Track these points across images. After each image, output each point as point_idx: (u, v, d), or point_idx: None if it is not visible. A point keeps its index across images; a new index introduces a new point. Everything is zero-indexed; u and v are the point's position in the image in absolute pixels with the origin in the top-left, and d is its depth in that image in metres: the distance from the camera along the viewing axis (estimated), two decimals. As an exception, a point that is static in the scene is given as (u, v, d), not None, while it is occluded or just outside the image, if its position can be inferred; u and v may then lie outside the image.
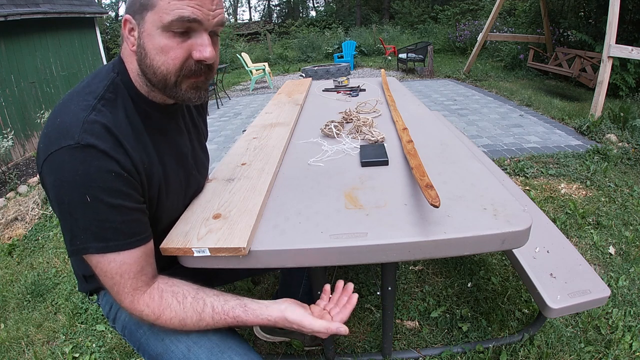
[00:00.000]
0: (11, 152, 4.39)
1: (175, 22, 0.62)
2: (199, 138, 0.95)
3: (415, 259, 0.78)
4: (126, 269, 0.67)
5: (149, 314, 0.69)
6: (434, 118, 1.47)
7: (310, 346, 1.42)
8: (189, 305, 0.71)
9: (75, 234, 0.64)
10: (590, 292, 1.15)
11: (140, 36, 0.66)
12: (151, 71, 0.67)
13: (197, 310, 0.70)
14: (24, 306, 1.87)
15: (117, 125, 0.66)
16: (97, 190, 0.61)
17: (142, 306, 0.69)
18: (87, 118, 0.63)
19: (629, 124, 3.56)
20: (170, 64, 0.66)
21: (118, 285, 0.67)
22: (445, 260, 1.88)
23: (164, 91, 0.70)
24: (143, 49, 0.66)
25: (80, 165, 0.60)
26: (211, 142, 4.34)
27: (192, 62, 0.67)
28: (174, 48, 0.65)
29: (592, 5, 6.27)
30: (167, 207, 0.79)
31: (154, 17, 0.63)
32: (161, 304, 0.70)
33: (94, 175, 0.61)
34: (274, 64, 11.27)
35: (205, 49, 0.66)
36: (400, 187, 0.92)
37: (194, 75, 0.69)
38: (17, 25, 4.69)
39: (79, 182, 0.60)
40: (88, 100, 0.66)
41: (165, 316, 0.70)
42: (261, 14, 32.49)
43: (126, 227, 0.66)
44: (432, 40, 11.21)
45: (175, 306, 0.70)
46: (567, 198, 2.43)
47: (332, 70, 7.08)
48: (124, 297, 0.69)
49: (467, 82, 6.76)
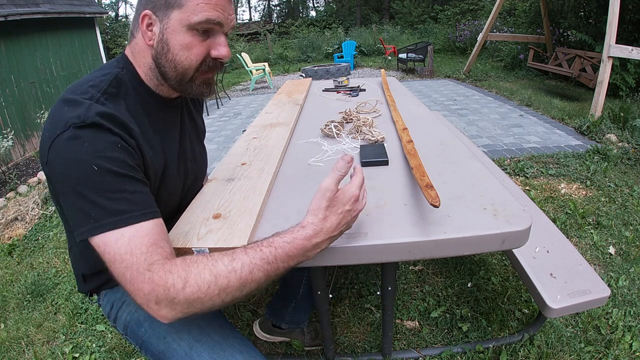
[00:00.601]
0: (11, 152, 4.39)
1: (203, 23, 0.68)
2: (198, 134, 0.97)
3: (415, 259, 0.78)
4: (137, 242, 0.60)
5: (174, 281, 0.58)
6: (434, 118, 1.47)
7: (310, 346, 1.42)
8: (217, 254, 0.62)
9: (86, 212, 0.60)
10: (590, 292, 1.15)
11: (162, 32, 0.70)
12: (172, 65, 0.72)
13: (227, 254, 0.62)
14: (24, 306, 1.87)
15: (122, 114, 0.69)
16: (104, 160, 0.61)
17: (165, 275, 0.58)
18: (91, 105, 0.64)
19: (629, 124, 3.56)
20: (193, 60, 0.72)
21: (131, 267, 0.58)
22: (445, 260, 1.88)
23: (179, 85, 0.75)
24: (166, 44, 0.70)
25: (87, 140, 0.61)
26: (211, 142, 4.34)
27: (209, 59, 0.74)
28: (196, 46, 0.71)
29: (592, 5, 6.27)
30: (164, 198, 0.79)
31: (182, 15, 0.68)
32: (185, 263, 0.60)
33: (100, 147, 0.62)
34: (274, 64, 11.27)
35: (224, 48, 0.74)
36: (400, 187, 0.92)
37: (210, 71, 0.76)
38: (17, 25, 4.69)
39: (86, 154, 0.60)
40: (91, 93, 0.67)
41: (193, 272, 0.58)
42: (261, 14, 32.50)
43: (138, 197, 0.64)
44: (432, 40, 11.21)
45: (201, 259, 0.61)
46: (567, 198, 2.43)
47: (332, 70, 7.08)
48: (142, 281, 0.58)
49: (467, 82, 6.76)
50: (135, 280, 0.58)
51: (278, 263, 0.62)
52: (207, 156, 1.05)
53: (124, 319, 0.86)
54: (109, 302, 0.89)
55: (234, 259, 0.60)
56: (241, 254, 0.61)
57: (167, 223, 0.78)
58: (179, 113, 0.88)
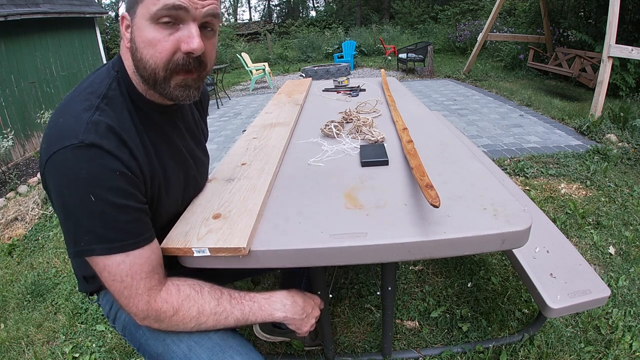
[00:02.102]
0: (11, 152, 4.39)
1: (161, 10, 0.61)
2: (199, 139, 0.94)
3: (415, 259, 0.78)
4: (137, 269, 0.65)
5: (167, 309, 0.68)
6: (434, 118, 1.47)
7: (310, 346, 1.42)
8: (207, 293, 0.72)
9: (78, 235, 0.62)
10: (590, 292, 1.15)
11: (132, 30, 0.66)
12: (142, 65, 0.66)
13: (214, 296, 0.72)
14: (24, 306, 1.87)
15: (121, 125, 0.66)
16: (101, 190, 0.60)
17: (161, 303, 0.68)
18: (91, 118, 0.62)
19: (629, 124, 3.56)
20: (158, 57, 0.65)
21: (130, 288, 0.65)
22: (445, 260, 1.88)
23: (155, 87, 0.69)
24: (134, 43, 0.66)
25: (85, 164, 0.59)
26: (211, 142, 4.34)
27: (180, 55, 0.65)
28: (161, 40, 0.64)
29: (592, 5, 6.26)
30: (166, 206, 0.79)
31: (143, 10, 0.63)
32: (179, 296, 0.70)
33: (99, 174, 0.60)
34: (274, 64, 11.27)
35: (193, 40, 0.64)
36: (400, 187, 0.92)
37: (183, 71, 0.67)
38: (17, 25, 4.69)
39: (83, 181, 0.59)
40: (91, 100, 0.65)
41: (184, 307, 0.69)
42: (261, 14, 32.50)
43: (132, 226, 0.65)
44: (432, 40, 11.21)
45: (194, 295, 0.71)
46: (567, 198, 2.43)
47: (332, 70, 7.08)
48: (139, 300, 0.66)
49: (467, 82, 6.76)
50: (133, 299, 0.67)
51: (249, 316, 0.75)
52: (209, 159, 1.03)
53: (123, 319, 0.86)
54: (108, 302, 0.89)
55: (219, 304, 0.72)
56: (226, 301, 0.73)
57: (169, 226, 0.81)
58: (178, 120, 0.84)
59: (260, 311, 0.76)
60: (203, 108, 1.00)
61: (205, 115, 1.02)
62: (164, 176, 0.77)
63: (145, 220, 0.69)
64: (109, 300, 0.89)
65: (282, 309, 0.79)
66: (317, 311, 0.88)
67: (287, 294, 0.82)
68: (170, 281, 0.72)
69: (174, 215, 0.85)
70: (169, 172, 0.79)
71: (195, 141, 0.91)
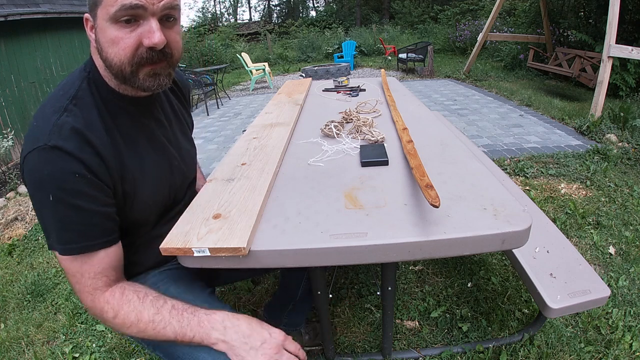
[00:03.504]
0: (11, 152, 4.39)
1: (119, 11, 0.64)
2: (182, 128, 0.96)
3: (415, 259, 0.78)
4: (87, 269, 0.70)
5: (108, 310, 0.71)
6: (434, 118, 1.47)
7: (310, 346, 1.42)
8: (149, 301, 0.73)
9: (46, 231, 0.69)
10: (590, 292, 1.15)
11: (96, 32, 0.69)
12: (108, 63, 0.69)
13: (156, 305, 0.72)
14: (24, 306, 1.87)
15: (88, 124, 0.69)
16: (59, 191, 0.64)
17: (102, 303, 0.72)
18: (57, 120, 0.66)
19: (629, 124, 3.56)
20: (122, 54, 0.67)
21: (79, 283, 0.71)
22: (445, 260, 1.88)
23: (125, 81, 0.71)
24: (99, 43, 0.69)
25: (46, 165, 0.64)
26: (211, 142, 4.34)
27: (143, 49, 0.68)
28: (123, 38, 0.66)
29: (592, 5, 6.26)
30: (148, 197, 0.81)
31: (102, 11, 0.65)
32: (122, 299, 0.72)
33: (58, 176, 0.64)
34: (274, 64, 11.27)
35: (153, 34, 0.66)
36: (400, 187, 0.92)
37: (149, 63, 0.69)
38: (17, 25, 4.69)
39: (44, 182, 0.64)
40: (61, 102, 0.69)
41: (124, 310, 0.71)
42: (261, 14, 32.48)
43: (88, 229, 0.68)
44: (432, 40, 11.21)
45: (135, 301, 0.72)
46: (567, 198, 2.43)
47: (332, 70, 7.08)
48: (85, 296, 0.72)
49: (467, 82, 6.76)
50: (80, 293, 0.72)
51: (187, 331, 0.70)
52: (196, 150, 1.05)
53: None
54: None
55: (158, 313, 0.71)
56: (166, 311, 0.71)
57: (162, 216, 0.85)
58: (157, 111, 0.85)
59: (198, 327, 0.70)
60: (185, 98, 1.01)
61: (188, 106, 1.03)
62: (141, 170, 0.78)
63: (105, 224, 0.71)
64: None
65: (220, 330, 0.70)
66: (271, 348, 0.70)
67: (232, 316, 0.72)
68: (120, 285, 0.74)
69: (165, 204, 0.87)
70: (148, 165, 0.80)
71: (177, 131, 0.92)
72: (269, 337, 0.71)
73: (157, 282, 0.89)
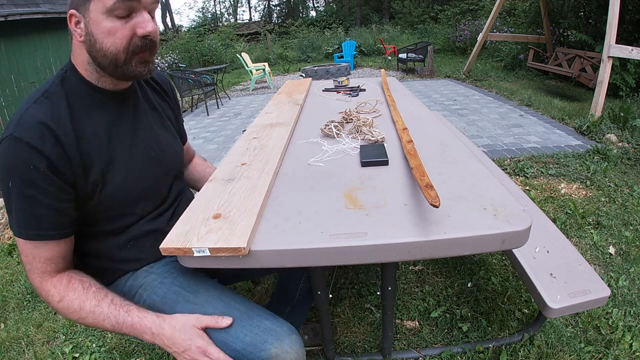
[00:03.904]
0: (11, 152, 4.39)
1: (117, 3, 0.70)
2: (161, 120, 0.98)
3: (415, 259, 0.78)
4: (37, 253, 0.76)
5: (54, 294, 0.77)
6: (434, 118, 1.47)
7: (310, 346, 1.42)
8: (92, 293, 0.78)
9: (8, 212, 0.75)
10: (590, 292, 1.15)
11: (87, 25, 0.73)
12: (101, 54, 0.74)
13: (97, 297, 0.78)
14: (24, 306, 1.87)
15: (54, 115, 0.73)
16: (16, 179, 0.70)
17: (50, 287, 0.77)
18: (25, 112, 0.72)
19: (629, 124, 3.56)
20: (119, 43, 0.74)
21: (30, 264, 0.77)
22: (445, 260, 1.88)
23: (115, 71, 0.77)
24: (92, 35, 0.73)
25: (9, 154, 0.70)
26: (211, 142, 4.34)
27: (137, 39, 0.75)
28: (119, 29, 0.73)
29: (592, 5, 6.26)
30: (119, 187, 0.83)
31: (97, 5, 0.70)
32: (67, 286, 0.78)
33: (17, 165, 0.70)
34: (274, 64, 11.27)
35: (148, 24, 0.74)
36: (400, 187, 0.92)
37: (141, 51, 0.77)
38: (17, 25, 4.69)
39: (5, 169, 0.71)
40: (35, 96, 0.75)
41: (68, 297, 0.77)
42: (261, 14, 32.48)
43: (37, 220, 0.73)
44: (432, 40, 11.21)
45: (80, 290, 0.78)
46: (567, 198, 2.43)
47: (332, 70, 7.08)
48: (34, 277, 0.78)
49: (467, 82, 6.76)
50: (30, 273, 0.78)
51: (123, 327, 0.77)
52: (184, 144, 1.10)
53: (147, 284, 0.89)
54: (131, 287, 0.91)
55: (99, 305, 0.77)
56: (105, 305, 0.77)
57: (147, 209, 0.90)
58: (133, 104, 0.89)
59: (131, 328, 0.77)
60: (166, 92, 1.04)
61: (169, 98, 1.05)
62: (112, 160, 0.82)
63: (57, 218, 0.75)
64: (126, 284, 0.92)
65: (149, 335, 0.76)
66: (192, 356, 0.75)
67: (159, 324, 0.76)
68: (68, 272, 0.80)
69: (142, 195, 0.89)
70: (121, 156, 0.83)
71: (156, 123, 0.95)
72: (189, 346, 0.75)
73: (164, 272, 0.90)
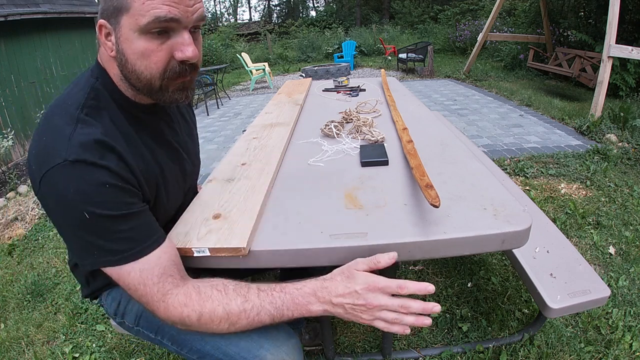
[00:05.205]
0: (11, 152, 4.39)
1: (152, 23, 0.59)
2: (188, 130, 0.95)
3: (415, 259, 0.78)
4: (147, 274, 0.64)
5: (189, 313, 0.65)
6: (434, 118, 1.47)
7: (310, 346, 1.42)
8: (232, 291, 0.66)
9: (86, 248, 0.63)
10: (590, 292, 1.15)
11: (117, 41, 0.63)
12: (135, 76, 0.65)
13: (241, 293, 0.66)
14: (24, 306, 1.87)
15: (106, 133, 0.64)
16: (93, 206, 0.59)
17: (180, 308, 0.65)
18: (73, 133, 0.61)
19: (629, 124, 3.56)
20: (154, 68, 0.64)
21: (145, 295, 0.65)
22: (445, 260, 1.88)
23: (150, 95, 0.69)
24: (123, 54, 0.64)
25: (72, 183, 0.59)
26: (211, 142, 4.34)
27: (175, 63, 0.65)
28: (154, 51, 0.63)
29: (592, 5, 6.26)
30: (167, 203, 0.79)
31: (130, 20, 0.60)
32: (200, 298, 0.65)
33: (87, 191, 0.59)
34: (274, 64, 11.27)
35: (187, 48, 0.64)
36: (400, 187, 0.92)
37: (180, 76, 0.67)
38: (17, 25, 4.69)
39: (74, 200, 0.59)
40: (70, 112, 0.64)
41: (208, 309, 0.64)
42: (261, 14, 32.47)
43: (135, 233, 0.64)
44: (432, 40, 11.21)
45: (217, 295, 0.66)
46: (567, 198, 2.43)
47: (332, 70, 7.08)
48: (157, 307, 0.65)
49: (467, 82, 6.76)
50: (151, 306, 0.66)
51: (283, 310, 0.65)
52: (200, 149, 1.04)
53: (136, 310, 0.86)
54: (115, 300, 0.89)
55: (247, 300, 0.65)
56: (253, 295, 0.66)
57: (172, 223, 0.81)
58: (167, 115, 0.84)
59: (293, 304, 0.65)
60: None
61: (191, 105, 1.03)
62: (162, 176, 0.77)
63: (149, 222, 0.67)
64: (115, 298, 0.89)
65: (315, 299, 0.65)
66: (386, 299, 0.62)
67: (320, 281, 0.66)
68: (191, 284, 0.68)
69: (178, 209, 0.86)
70: (167, 171, 0.79)
71: (186, 134, 0.92)
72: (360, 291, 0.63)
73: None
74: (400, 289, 0.62)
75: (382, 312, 0.63)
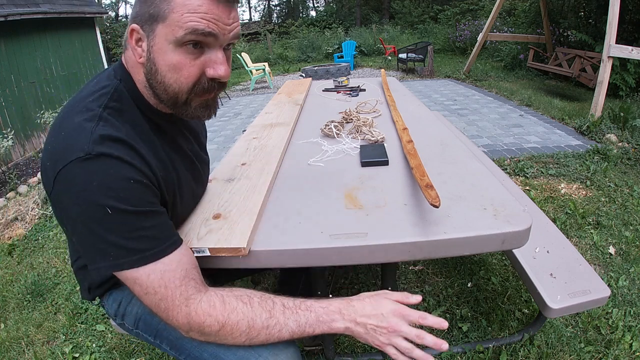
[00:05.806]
0: (11, 152, 4.39)
1: (189, 35, 0.59)
2: (200, 139, 0.94)
3: (415, 259, 0.78)
4: (170, 276, 0.61)
5: (211, 323, 0.62)
6: (434, 118, 1.47)
7: (310, 346, 1.42)
8: (257, 304, 0.65)
9: (103, 250, 0.59)
10: (590, 292, 1.15)
11: (150, 50, 0.62)
12: (162, 88, 0.64)
13: (266, 308, 0.65)
14: (24, 306, 1.87)
15: (129, 135, 0.63)
16: (117, 200, 0.57)
17: (203, 317, 0.62)
18: (95, 128, 0.59)
19: (629, 124, 3.56)
20: (183, 82, 0.63)
21: (165, 299, 0.61)
22: (445, 260, 1.88)
23: (173, 108, 0.68)
24: (154, 64, 0.63)
25: (95, 175, 0.56)
26: (211, 142, 4.34)
27: (205, 79, 0.64)
28: (187, 65, 0.62)
29: (592, 5, 6.26)
30: (181, 211, 0.79)
31: (166, 30, 0.59)
32: (225, 309, 0.63)
33: (111, 184, 0.56)
34: (274, 64, 11.26)
35: (220, 66, 0.63)
36: (400, 187, 0.92)
37: (206, 93, 0.66)
38: (17, 25, 4.69)
39: (96, 194, 0.56)
40: (93, 110, 0.62)
41: (232, 321, 0.63)
42: (261, 14, 32.47)
43: (158, 231, 0.62)
44: (432, 40, 11.21)
45: (242, 308, 0.64)
46: (567, 198, 2.43)
47: (332, 70, 7.08)
48: (177, 313, 0.62)
49: (467, 82, 6.76)
50: (171, 311, 0.62)
51: (305, 328, 0.65)
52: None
53: (135, 312, 0.85)
54: (116, 301, 0.89)
55: (272, 316, 0.64)
56: (279, 312, 0.65)
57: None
58: (183, 124, 0.83)
59: (317, 322, 0.65)
60: None
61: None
62: (179, 184, 0.76)
63: (169, 223, 0.66)
64: (115, 299, 0.89)
65: (339, 317, 0.66)
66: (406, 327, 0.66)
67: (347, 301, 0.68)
68: (214, 292, 0.65)
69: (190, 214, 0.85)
70: (183, 179, 0.78)
71: (198, 143, 0.91)
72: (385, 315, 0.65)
73: None
74: (422, 319, 0.67)
75: (398, 339, 0.65)
